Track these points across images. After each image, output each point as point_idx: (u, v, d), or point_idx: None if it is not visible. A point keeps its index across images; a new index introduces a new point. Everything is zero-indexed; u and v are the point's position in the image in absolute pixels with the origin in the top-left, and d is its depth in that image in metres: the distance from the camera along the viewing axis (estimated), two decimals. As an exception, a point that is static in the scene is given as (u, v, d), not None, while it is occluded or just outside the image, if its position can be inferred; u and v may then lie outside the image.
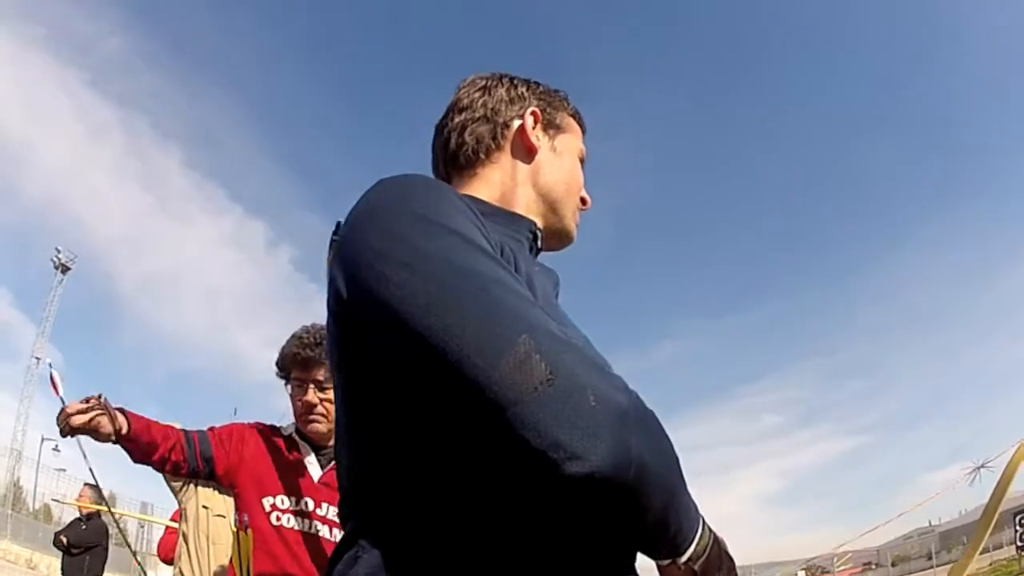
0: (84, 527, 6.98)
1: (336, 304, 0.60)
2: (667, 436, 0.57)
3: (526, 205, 0.83)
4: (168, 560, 3.87)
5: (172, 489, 2.87)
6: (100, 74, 49.15)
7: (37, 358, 26.70)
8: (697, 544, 0.60)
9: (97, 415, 1.67)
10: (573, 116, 0.93)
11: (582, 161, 0.93)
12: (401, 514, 0.58)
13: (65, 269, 28.49)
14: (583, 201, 0.92)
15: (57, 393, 2.04)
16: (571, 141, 0.91)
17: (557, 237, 0.89)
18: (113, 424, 1.69)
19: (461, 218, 0.60)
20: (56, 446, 22.12)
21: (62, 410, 1.67)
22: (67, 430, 1.66)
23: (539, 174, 0.85)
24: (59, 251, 28.50)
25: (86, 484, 7.08)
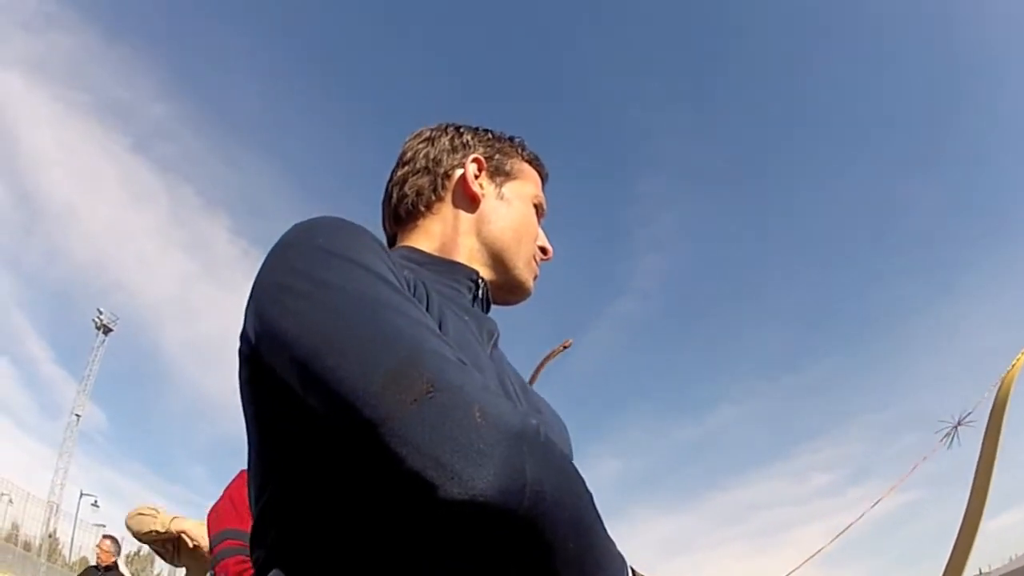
0: (101, 577, 7.28)
1: (245, 344, 0.60)
2: (575, 468, 0.52)
3: (468, 255, 0.81)
4: None
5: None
6: (143, 140, 51.81)
7: (77, 415, 27.65)
8: None
9: None
10: (529, 162, 0.90)
11: (539, 208, 0.88)
12: (300, 543, 0.57)
13: (107, 330, 29.47)
14: (543, 251, 0.88)
15: None
16: (523, 187, 0.87)
17: (509, 289, 0.85)
18: None
19: (365, 251, 0.60)
20: (95, 501, 22.74)
21: None
22: None
23: (484, 223, 0.82)
24: (100, 312, 29.59)
25: (104, 536, 7.34)
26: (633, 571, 0.55)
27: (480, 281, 0.80)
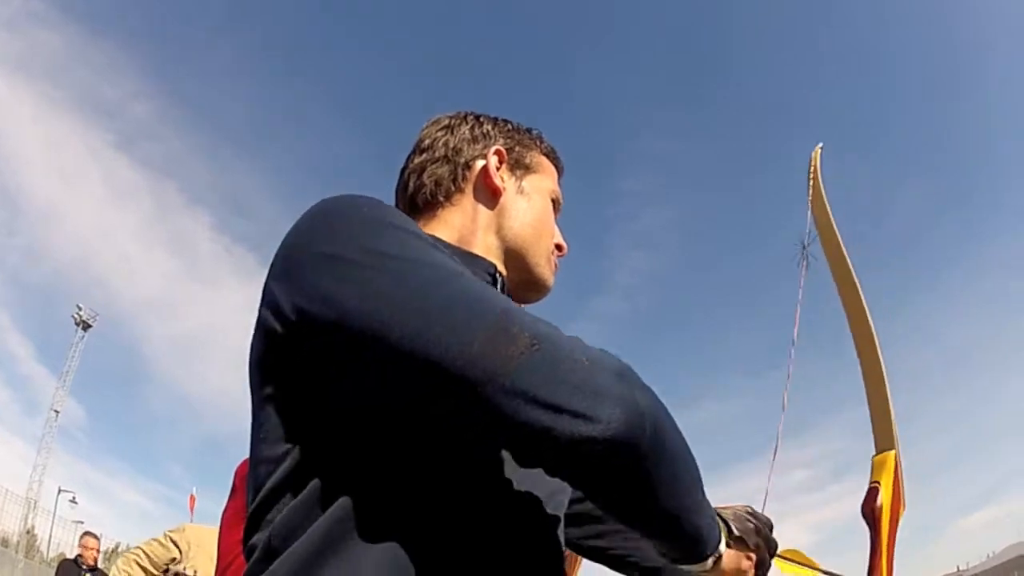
0: (84, 576, 7.16)
1: (276, 318, 0.55)
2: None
3: (485, 250, 0.78)
4: None
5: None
6: (126, 138, 51.24)
7: (56, 411, 27.39)
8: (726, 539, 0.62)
9: None
10: (547, 155, 0.87)
11: (556, 203, 0.86)
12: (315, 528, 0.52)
13: (86, 327, 29.33)
14: (559, 248, 0.85)
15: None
16: (541, 182, 0.84)
17: (529, 286, 0.81)
18: None
19: (407, 221, 0.59)
20: (73, 498, 22.55)
21: None
22: None
23: (504, 218, 0.79)
24: (80, 308, 29.41)
25: (87, 533, 7.16)
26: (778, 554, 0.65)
27: (499, 276, 0.77)
